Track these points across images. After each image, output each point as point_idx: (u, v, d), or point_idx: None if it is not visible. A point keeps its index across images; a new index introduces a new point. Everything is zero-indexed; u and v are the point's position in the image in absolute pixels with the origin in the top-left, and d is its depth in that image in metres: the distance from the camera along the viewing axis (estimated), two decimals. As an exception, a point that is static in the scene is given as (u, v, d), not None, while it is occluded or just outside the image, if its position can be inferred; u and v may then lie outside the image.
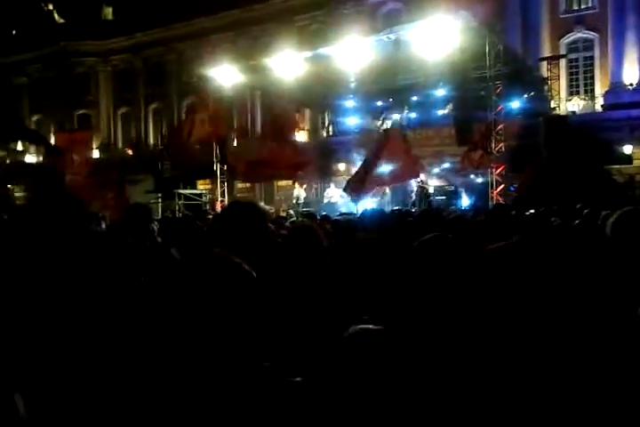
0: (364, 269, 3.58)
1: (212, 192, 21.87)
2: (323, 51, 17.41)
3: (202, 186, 24.75)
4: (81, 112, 41.91)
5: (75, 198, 3.05)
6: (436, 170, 19.80)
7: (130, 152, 38.68)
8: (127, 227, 4.41)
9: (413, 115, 21.15)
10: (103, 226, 7.53)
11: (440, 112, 20.99)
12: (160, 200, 22.62)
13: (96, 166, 17.59)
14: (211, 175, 20.21)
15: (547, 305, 1.65)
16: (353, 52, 16.47)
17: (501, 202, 13.77)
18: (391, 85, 19.34)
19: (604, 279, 2.81)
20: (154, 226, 4.89)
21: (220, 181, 19.57)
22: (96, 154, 40.46)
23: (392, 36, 15.64)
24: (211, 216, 11.04)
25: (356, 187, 12.85)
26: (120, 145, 41.50)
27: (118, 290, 2.42)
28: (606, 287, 2.70)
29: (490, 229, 5.10)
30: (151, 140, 39.98)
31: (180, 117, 37.55)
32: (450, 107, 20.56)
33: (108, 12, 42.57)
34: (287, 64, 17.75)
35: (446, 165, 19.48)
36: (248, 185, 25.31)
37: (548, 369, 1.69)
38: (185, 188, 22.26)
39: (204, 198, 22.37)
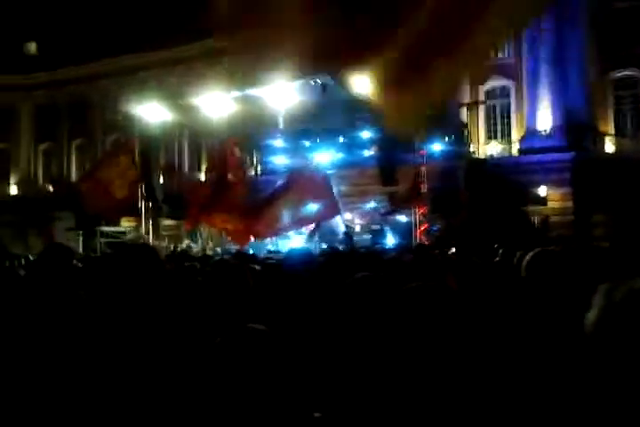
0: (292, 308, 3.65)
1: (136, 229, 21.49)
2: (251, 92, 17.68)
3: (126, 223, 24.27)
4: (0, 146, 40.60)
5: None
6: (361, 209, 20.17)
7: (50, 188, 37.61)
8: (46, 267, 4.30)
9: (339, 155, 21.57)
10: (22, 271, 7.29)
11: (365, 153, 21.49)
12: (81, 238, 22.01)
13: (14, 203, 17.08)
14: (135, 213, 19.87)
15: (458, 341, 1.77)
16: (280, 93, 16.80)
17: (423, 242, 14.15)
18: (318, 126, 19.74)
19: (518, 316, 2.98)
20: (76, 265, 4.81)
21: (146, 219, 19.29)
22: (14, 190, 39.22)
23: (318, 81, 16.10)
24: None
25: (266, 229, 12.88)
26: (41, 181, 40.30)
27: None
28: (521, 323, 2.87)
29: (414, 268, 5.29)
30: (73, 177, 39.00)
31: (102, 154, 36.93)
32: (374, 148, 21.10)
33: (32, 46, 41.80)
34: (216, 104, 17.90)
35: (371, 205, 19.89)
36: (173, 222, 24.97)
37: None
38: (107, 225, 21.78)
39: (128, 236, 21.92)
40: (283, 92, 16.73)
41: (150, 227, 19.37)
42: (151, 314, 2.44)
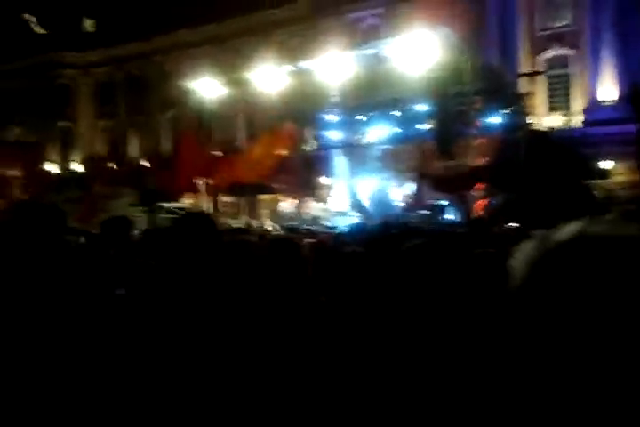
0: (351, 282, 3.62)
1: (196, 206, 21.82)
2: (304, 65, 17.54)
3: (186, 200, 24.67)
4: (62, 124, 41.60)
5: (56, 210, 3.02)
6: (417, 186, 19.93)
7: (112, 165, 38.45)
8: (107, 239, 4.36)
9: (395, 129, 21.28)
10: (82, 240, 7.46)
11: (421, 126, 21.15)
12: (144, 214, 22.48)
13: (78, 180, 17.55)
14: (195, 190, 20.23)
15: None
16: (334, 66, 16.61)
17: (481, 216, 13.89)
18: (373, 100, 19.48)
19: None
20: (136, 237, 4.86)
21: (205, 195, 19.60)
22: (77, 167, 40.19)
23: (372, 51, 15.83)
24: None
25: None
26: (102, 158, 41.23)
27: (93, 301, 2.42)
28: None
29: (470, 240, 5.18)
30: (133, 154, 39.77)
31: (160, 130, 37.52)
32: (430, 121, 20.74)
33: (90, 23, 42.47)
34: (269, 78, 17.84)
35: (428, 180, 19.60)
36: (232, 199, 25.29)
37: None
38: (169, 202, 22.17)
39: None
40: (336, 65, 16.54)
41: (210, 203, 19.65)
42: (210, 283, 2.43)
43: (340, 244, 6.17)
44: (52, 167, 35.57)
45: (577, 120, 25.42)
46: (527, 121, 21.97)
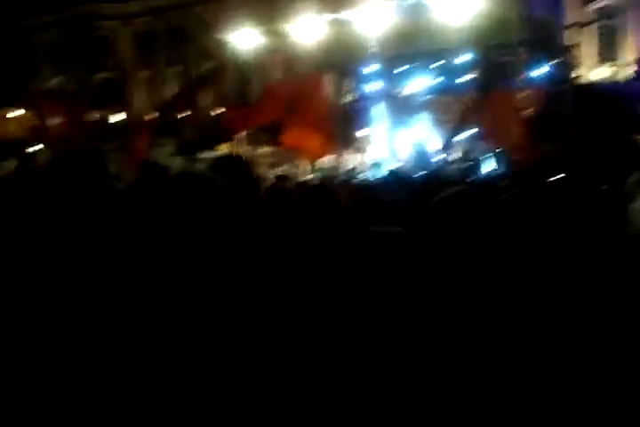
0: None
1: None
2: (343, 15, 17.22)
3: (224, 150, 24.77)
4: (102, 75, 41.83)
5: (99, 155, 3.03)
6: (459, 137, 19.60)
7: (152, 115, 38.60)
8: (144, 185, 4.39)
9: (437, 80, 20.86)
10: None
11: (463, 78, 20.69)
12: (182, 163, 22.68)
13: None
14: (234, 139, 20.32)
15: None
16: (373, 16, 16.26)
17: (522, 169, 13.62)
18: (413, 50, 19.07)
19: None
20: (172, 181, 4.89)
21: (242, 146, 19.63)
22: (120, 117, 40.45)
23: (413, 0, 15.44)
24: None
25: None
26: (142, 108, 41.44)
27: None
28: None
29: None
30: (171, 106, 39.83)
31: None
32: (473, 73, 20.27)
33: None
34: (307, 28, 17.58)
35: (469, 132, 19.27)
36: (270, 149, 25.32)
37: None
38: (206, 151, 22.30)
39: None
40: (375, 14, 16.18)
41: (249, 153, 19.68)
42: (246, 228, 2.42)
43: (377, 193, 6.16)
44: (94, 117, 35.94)
45: (627, 72, 24.53)
46: (574, 73, 21.33)
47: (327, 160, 20.59)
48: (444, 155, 17.50)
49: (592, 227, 3.29)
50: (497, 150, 16.34)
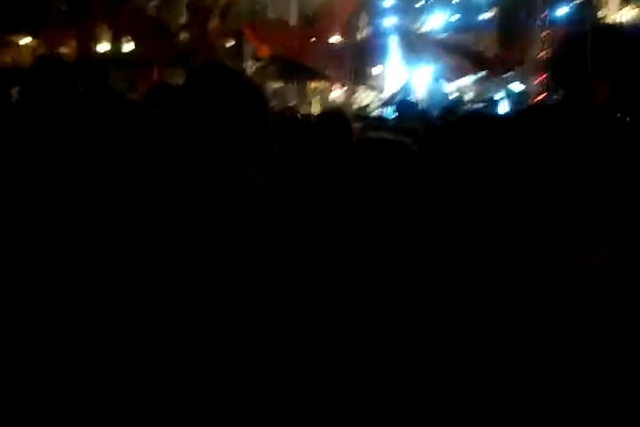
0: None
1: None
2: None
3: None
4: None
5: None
6: (475, 76, 19.26)
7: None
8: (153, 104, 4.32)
9: (455, 17, 20.32)
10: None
11: (482, 16, 20.15)
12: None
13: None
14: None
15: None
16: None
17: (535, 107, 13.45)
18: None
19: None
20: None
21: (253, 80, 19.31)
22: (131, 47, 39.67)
23: None
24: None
25: None
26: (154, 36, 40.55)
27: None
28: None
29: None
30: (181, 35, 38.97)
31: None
32: (493, 10, 19.73)
33: None
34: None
35: (484, 72, 18.91)
36: (280, 85, 24.97)
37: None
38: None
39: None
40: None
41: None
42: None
43: (389, 125, 6.16)
44: (104, 46, 35.33)
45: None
46: (597, 14, 20.70)
47: (340, 97, 20.33)
48: (458, 94, 17.26)
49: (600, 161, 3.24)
50: (518, 91, 16.10)
